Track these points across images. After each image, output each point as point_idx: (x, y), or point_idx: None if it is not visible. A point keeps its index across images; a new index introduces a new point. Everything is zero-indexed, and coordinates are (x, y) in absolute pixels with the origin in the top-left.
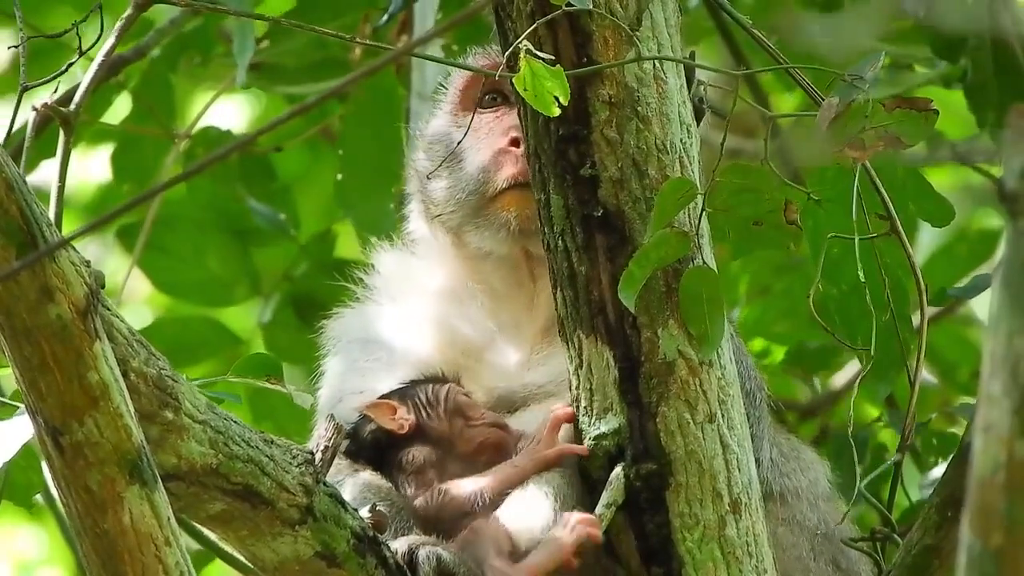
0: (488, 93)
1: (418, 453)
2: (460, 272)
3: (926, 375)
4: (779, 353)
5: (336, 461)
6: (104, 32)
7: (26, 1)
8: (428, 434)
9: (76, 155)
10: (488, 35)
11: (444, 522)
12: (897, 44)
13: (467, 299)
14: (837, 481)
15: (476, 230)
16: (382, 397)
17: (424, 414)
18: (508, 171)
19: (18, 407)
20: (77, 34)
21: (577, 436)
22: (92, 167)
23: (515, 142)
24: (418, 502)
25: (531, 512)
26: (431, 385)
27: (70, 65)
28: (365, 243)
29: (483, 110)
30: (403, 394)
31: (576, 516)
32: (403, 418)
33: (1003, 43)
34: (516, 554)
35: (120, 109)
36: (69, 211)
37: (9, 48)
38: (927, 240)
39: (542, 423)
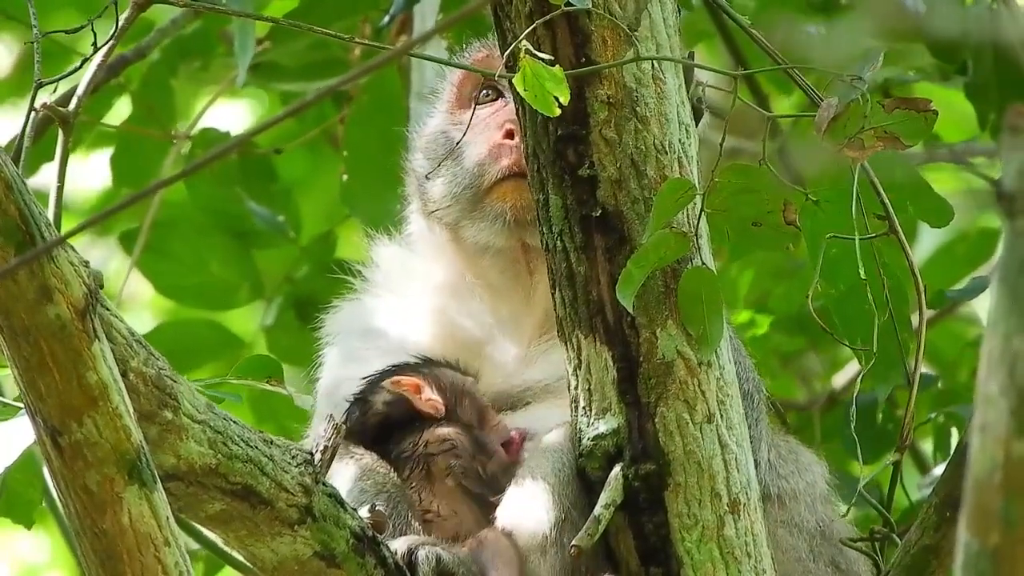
0: (483, 89)
1: (445, 432)
2: (459, 268)
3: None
4: (764, 324)
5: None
6: (113, 32)
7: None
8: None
9: (77, 160)
10: (488, 34)
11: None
12: (896, 43)
13: (466, 295)
14: (841, 449)
15: (473, 223)
16: (399, 368)
17: (453, 400)
18: (503, 162)
19: (19, 408)
20: (93, 30)
21: (576, 437)
22: (93, 173)
23: (510, 134)
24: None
25: (528, 512)
26: (454, 373)
27: (85, 60)
28: (368, 240)
29: (479, 105)
30: (428, 374)
31: None
32: (434, 399)
33: (1004, 44)
34: (522, 567)
35: (121, 111)
36: (70, 216)
37: (25, 44)
38: (927, 240)
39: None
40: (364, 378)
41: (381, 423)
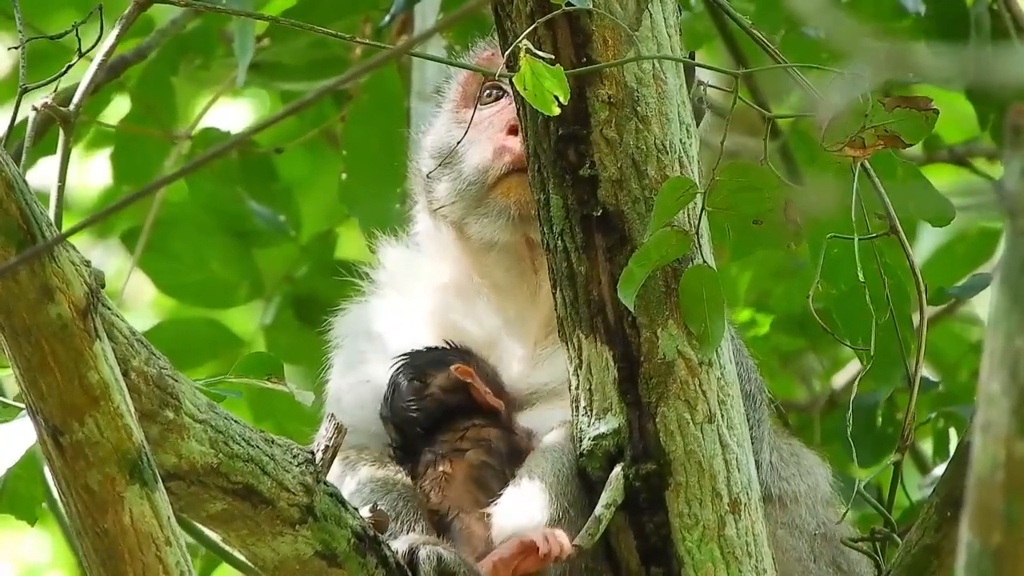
0: (487, 88)
1: (488, 432)
2: (465, 267)
3: (926, 374)
4: (765, 324)
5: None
6: (104, 33)
7: (27, 3)
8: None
9: (77, 160)
10: (489, 33)
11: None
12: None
13: (472, 295)
14: (841, 451)
15: (478, 220)
16: (442, 353)
17: (497, 391)
18: (506, 158)
19: (21, 408)
20: (77, 36)
21: (576, 437)
22: (93, 172)
23: (513, 130)
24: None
25: (523, 511)
26: (483, 361)
27: (70, 67)
28: (372, 241)
29: (483, 104)
30: (475, 363)
31: (557, 532)
32: (488, 391)
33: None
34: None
35: (121, 110)
36: (71, 216)
37: (10, 49)
38: (927, 240)
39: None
40: (406, 355)
41: (438, 408)
